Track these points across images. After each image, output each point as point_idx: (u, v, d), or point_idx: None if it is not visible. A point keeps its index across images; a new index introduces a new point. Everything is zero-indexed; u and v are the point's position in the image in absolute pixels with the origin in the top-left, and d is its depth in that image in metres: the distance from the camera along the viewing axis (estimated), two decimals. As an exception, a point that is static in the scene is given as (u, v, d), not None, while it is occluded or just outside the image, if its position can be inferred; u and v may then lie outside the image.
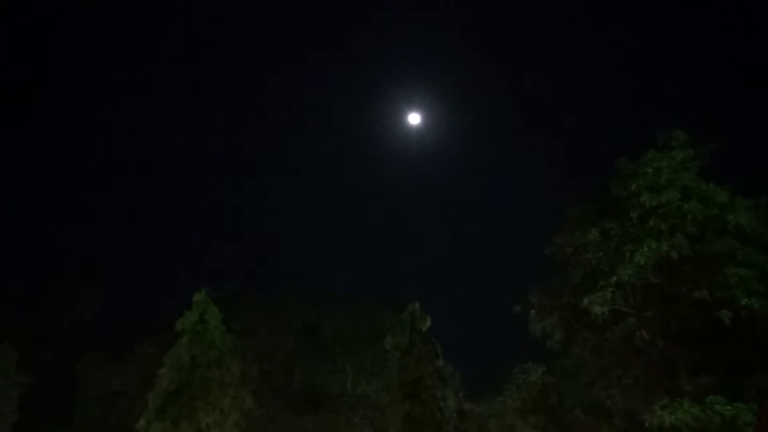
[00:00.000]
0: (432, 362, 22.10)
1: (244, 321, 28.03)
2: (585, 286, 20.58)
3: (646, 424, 17.32)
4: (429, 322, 22.55)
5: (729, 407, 15.97)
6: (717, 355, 18.96)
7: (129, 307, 35.78)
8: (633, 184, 19.94)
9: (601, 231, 20.60)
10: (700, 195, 19.38)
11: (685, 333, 19.74)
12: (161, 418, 19.73)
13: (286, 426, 28.89)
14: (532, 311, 22.74)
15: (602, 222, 20.80)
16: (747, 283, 17.76)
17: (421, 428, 21.10)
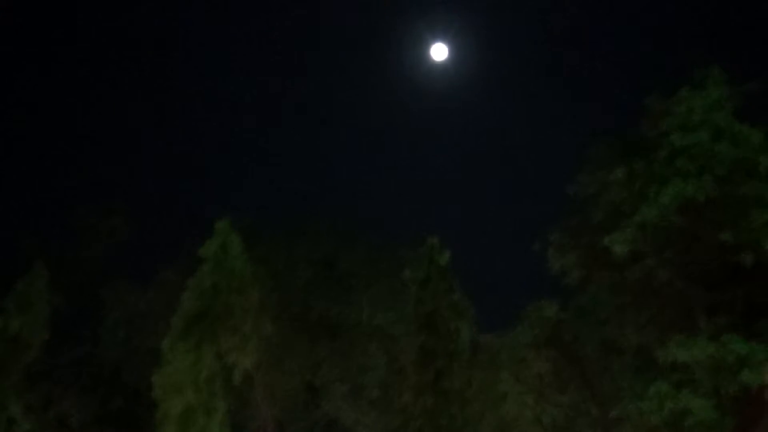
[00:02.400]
0: (448, 295, 22.22)
1: (265, 251, 28.16)
2: (606, 226, 20.42)
3: (659, 361, 17.53)
4: (447, 257, 22.50)
5: (744, 346, 16.06)
6: (735, 297, 18.92)
7: (153, 235, 36.34)
8: (663, 123, 19.40)
9: (626, 170, 20.22)
10: (732, 136, 18.74)
11: (705, 274, 19.69)
12: (185, 340, 20.33)
13: (303, 353, 29.65)
14: (551, 249, 22.78)
15: (628, 162, 20.38)
16: (773, 227, 17.45)
17: (435, 358, 21.44)
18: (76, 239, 33.67)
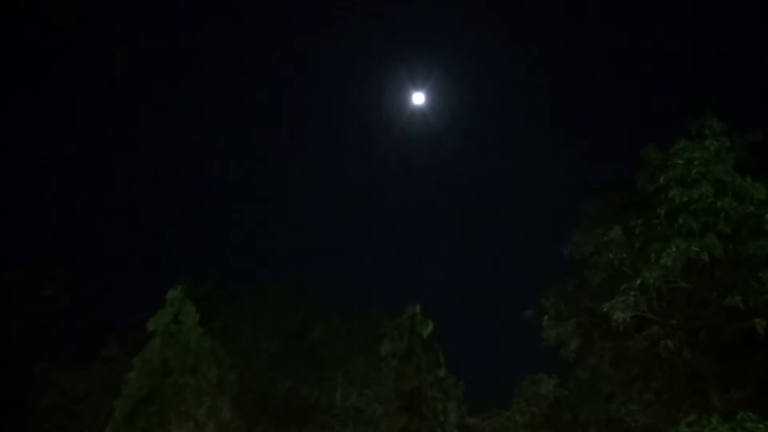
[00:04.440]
0: (433, 371, 22.12)
1: (224, 322, 28.07)
2: (605, 290, 20.73)
3: (670, 443, 17.44)
4: (431, 327, 22.54)
5: (762, 425, 16.06)
6: (749, 368, 19.11)
7: (95, 305, 35.71)
8: (661, 177, 19.95)
9: (624, 229, 20.72)
10: (735, 190, 19.36)
11: (715, 343, 19.97)
12: (129, 428, 19.77)
13: (267, 440, 28.93)
14: (546, 317, 23.05)
15: (626, 219, 20.92)
16: (785, 289, 17.85)
17: (419, 444, 21.12)
18: (8, 308, 32.86)
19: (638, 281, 19.50)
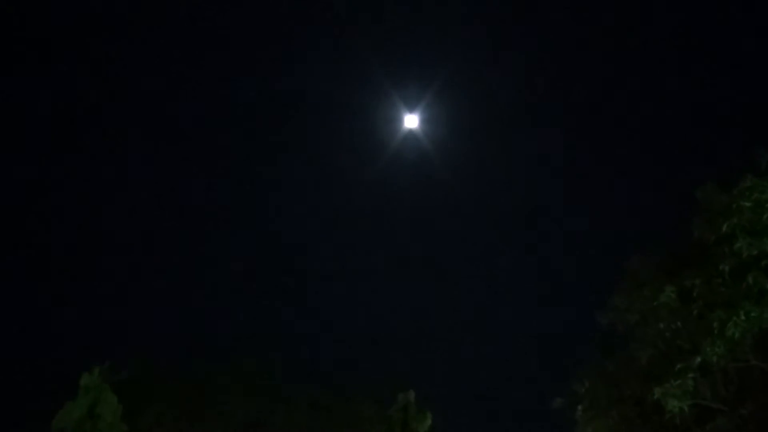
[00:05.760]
0: (433, 481, 21.68)
1: (156, 417, 27.70)
2: (656, 370, 20.63)
3: None
4: (429, 422, 22.05)
5: None
6: None
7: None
8: (724, 224, 19.79)
9: (678, 291, 20.59)
10: (819, 241, 19.19)
11: (800, 438, 19.54)
12: None
13: None
14: (580, 406, 22.82)
15: (680, 278, 20.76)
16: None
17: None
18: None
19: (698, 359, 19.46)
